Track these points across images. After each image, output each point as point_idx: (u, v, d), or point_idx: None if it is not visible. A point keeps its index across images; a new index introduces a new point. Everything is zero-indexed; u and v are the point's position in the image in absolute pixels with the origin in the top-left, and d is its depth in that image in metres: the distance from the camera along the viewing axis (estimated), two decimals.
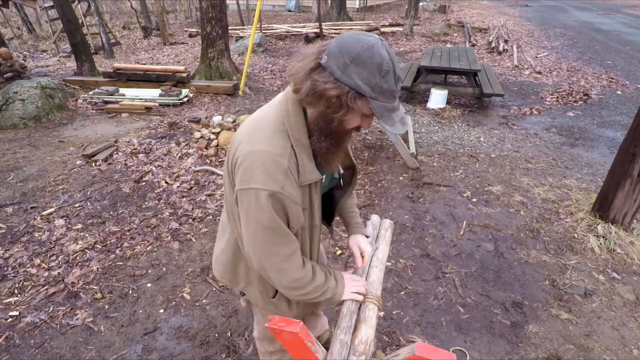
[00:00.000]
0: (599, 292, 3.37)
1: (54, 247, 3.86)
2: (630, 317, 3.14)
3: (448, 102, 8.00)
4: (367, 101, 1.28)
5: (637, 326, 3.06)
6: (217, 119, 5.98)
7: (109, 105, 7.61)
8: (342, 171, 1.80)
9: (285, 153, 1.37)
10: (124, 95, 8.11)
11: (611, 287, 3.43)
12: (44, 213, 4.34)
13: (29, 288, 3.38)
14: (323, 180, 1.61)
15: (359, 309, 1.71)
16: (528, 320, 3.12)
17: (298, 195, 1.42)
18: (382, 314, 1.73)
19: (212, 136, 5.67)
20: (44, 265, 3.62)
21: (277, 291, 1.73)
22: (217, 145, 5.61)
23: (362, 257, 1.87)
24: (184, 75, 8.56)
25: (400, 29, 16.04)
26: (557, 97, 8.58)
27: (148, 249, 3.88)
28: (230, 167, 1.47)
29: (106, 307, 3.22)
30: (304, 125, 1.41)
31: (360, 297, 1.68)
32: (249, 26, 15.61)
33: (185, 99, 8.01)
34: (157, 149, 5.70)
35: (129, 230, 4.13)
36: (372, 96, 1.27)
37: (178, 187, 4.86)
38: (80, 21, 11.70)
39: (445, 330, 3.03)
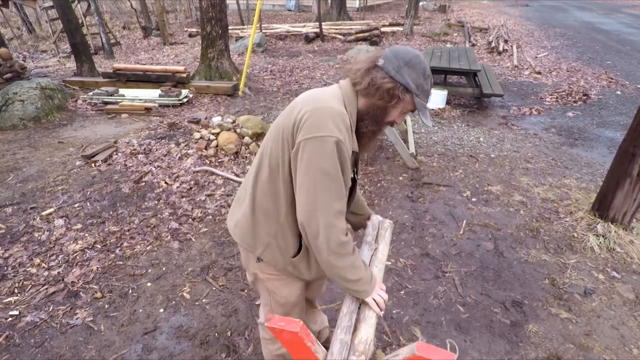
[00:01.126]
0: (599, 291, 3.37)
1: (53, 246, 3.87)
2: (630, 316, 3.14)
3: (448, 103, 7.99)
4: (412, 96, 1.64)
5: (637, 325, 3.06)
6: (216, 119, 5.98)
7: (109, 106, 7.61)
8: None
9: (347, 115, 1.62)
10: (123, 95, 8.11)
11: (611, 286, 3.43)
12: (43, 213, 4.34)
13: (29, 287, 3.38)
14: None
15: (359, 308, 1.72)
16: (528, 319, 3.12)
17: (350, 153, 1.63)
18: (382, 313, 1.72)
19: (212, 137, 5.67)
20: (43, 264, 3.62)
21: (298, 250, 1.82)
22: (217, 146, 5.60)
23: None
24: (184, 75, 8.56)
25: (400, 28, 16.05)
26: (557, 97, 8.58)
27: (148, 248, 3.88)
28: (289, 129, 1.61)
29: (106, 306, 3.22)
30: (356, 109, 1.69)
31: (377, 309, 1.73)
32: (249, 26, 15.62)
33: (185, 100, 8.01)
34: (156, 150, 5.70)
35: (128, 230, 4.13)
36: (416, 93, 1.64)
37: (178, 187, 4.86)
38: (80, 21, 11.71)
39: (445, 330, 3.03)
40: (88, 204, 4.54)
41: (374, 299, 1.72)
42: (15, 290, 3.34)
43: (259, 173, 1.76)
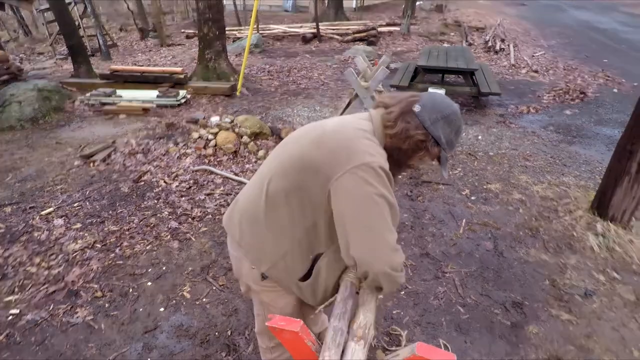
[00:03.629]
0: (599, 293, 3.36)
1: (53, 246, 3.86)
2: (630, 318, 3.13)
3: None
4: (439, 150, 1.62)
5: (638, 327, 3.06)
6: (215, 119, 5.98)
7: (107, 107, 7.59)
8: None
9: (379, 146, 1.59)
10: (121, 96, 8.08)
11: (611, 287, 3.42)
12: (42, 213, 4.33)
13: (29, 286, 3.37)
14: None
15: (357, 293, 1.70)
16: (528, 320, 3.11)
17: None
18: (380, 295, 1.71)
19: (210, 136, 5.67)
20: (43, 264, 3.62)
21: (306, 275, 1.75)
22: (215, 145, 5.60)
23: None
24: (182, 76, 8.56)
25: (397, 28, 16.05)
26: (554, 96, 8.60)
27: (148, 248, 3.88)
28: (321, 157, 1.54)
29: (106, 305, 3.21)
30: (384, 146, 1.63)
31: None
32: (246, 27, 15.60)
33: (183, 100, 8.00)
34: (155, 149, 5.70)
35: (128, 229, 4.13)
36: (445, 148, 1.62)
37: (177, 186, 4.86)
38: (76, 23, 11.69)
39: (445, 331, 3.03)
40: (87, 204, 4.53)
41: None
42: (16, 289, 3.34)
43: (274, 191, 1.64)
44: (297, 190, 1.59)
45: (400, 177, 1.88)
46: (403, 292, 3.37)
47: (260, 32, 14.84)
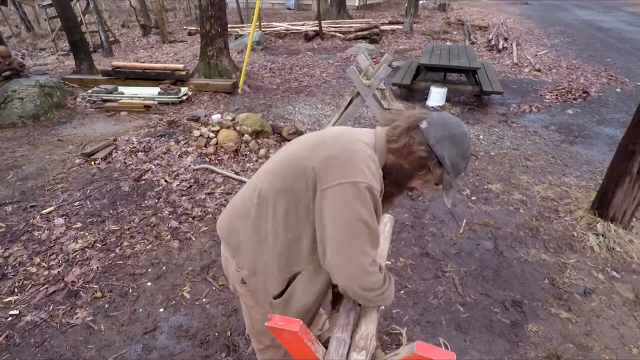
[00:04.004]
0: (599, 291, 3.37)
1: (53, 246, 3.86)
2: (629, 316, 3.14)
3: (447, 100, 7.98)
4: (442, 171, 1.54)
5: (637, 325, 3.07)
6: (216, 117, 5.98)
7: (108, 104, 7.59)
8: None
9: (377, 161, 1.54)
10: (122, 93, 8.09)
11: (610, 286, 3.44)
12: (43, 212, 4.33)
13: (29, 287, 3.37)
14: None
15: (359, 305, 1.71)
16: (527, 319, 3.12)
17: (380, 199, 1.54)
18: (382, 307, 1.72)
19: (212, 134, 5.67)
20: (43, 264, 3.62)
21: (281, 293, 1.71)
22: (217, 144, 5.60)
23: None
24: (183, 73, 8.55)
25: (400, 27, 16.03)
26: (557, 95, 8.58)
27: (148, 247, 3.88)
28: (313, 168, 1.50)
29: (106, 306, 3.22)
30: (384, 164, 1.59)
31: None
32: (249, 24, 15.59)
33: (185, 97, 8.00)
34: (156, 148, 5.70)
35: (128, 229, 4.13)
36: (449, 170, 1.53)
37: (177, 185, 4.86)
38: (78, 19, 11.69)
39: (445, 330, 3.03)
40: (88, 203, 4.54)
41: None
42: (15, 290, 3.34)
43: (266, 195, 1.61)
44: (286, 193, 1.56)
45: (397, 199, 1.73)
46: (403, 292, 3.37)
47: (262, 29, 14.81)
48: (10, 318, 3.08)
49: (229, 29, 10.97)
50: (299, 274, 1.68)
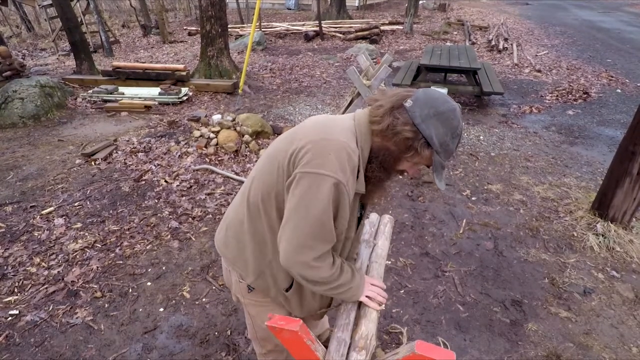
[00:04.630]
0: (598, 291, 3.38)
1: (53, 246, 3.87)
2: (629, 315, 3.14)
3: None
4: (432, 152, 1.44)
5: (636, 324, 3.07)
6: (216, 117, 5.98)
7: (109, 104, 7.60)
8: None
9: (356, 152, 1.45)
10: (123, 93, 8.11)
11: (610, 285, 3.44)
12: (43, 212, 4.34)
13: (29, 287, 3.38)
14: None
15: (359, 305, 1.71)
16: (527, 318, 3.12)
17: (352, 195, 1.48)
18: (382, 307, 1.72)
19: (212, 135, 5.67)
20: (43, 264, 3.63)
21: (291, 285, 1.71)
22: (217, 144, 5.60)
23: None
24: (184, 73, 8.56)
25: (400, 27, 16.03)
26: (557, 96, 8.57)
27: (148, 247, 3.88)
28: (289, 153, 1.45)
29: (106, 305, 3.22)
30: (368, 148, 1.51)
31: (375, 305, 1.66)
32: (249, 24, 15.60)
33: (185, 98, 8.01)
34: (156, 148, 5.70)
35: (128, 229, 4.13)
36: (438, 151, 1.43)
37: (177, 186, 4.86)
38: (79, 19, 11.70)
39: (444, 329, 3.04)
40: (88, 203, 4.54)
41: (367, 297, 1.66)
42: (15, 290, 3.34)
43: (254, 199, 1.60)
44: (273, 193, 1.54)
45: (387, 183, 1.65)
46: (402, 291, 3.37)
47: (262, 29, 14.82)
48: (10, 318, 3.08)
49: (229, 29, 10.98)
50: None
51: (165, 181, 4.94)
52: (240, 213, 1.68)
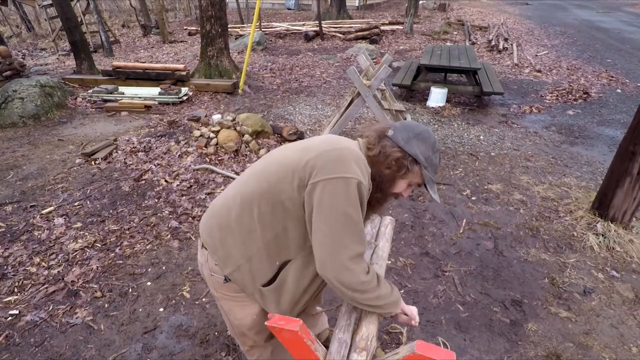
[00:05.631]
0: (598, 291, 3.38)
1: (53, 245, 3.86)
2: (629, 315, 3.14)
3: (448, 101, 7.99)
4: (420, 169, 1.65)
5: (636, 324, 3.07)
6: (216, 117, 5.98)
7: (109, 104, 7.60)
8: None
9: (366, 162, 1.64)
10: (123, 93, 8.11)
11: (610, 285, 3.44)
12: (43, 212, 4.33)
13: (29, 287, 3.37)
14: None
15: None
16: (527, 318, 3.12)
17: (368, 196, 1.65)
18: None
19: (212, 135, 5.67)
20: (43, 263, 3.62)
21: (271, 280, 1.74)
22: (217, 144, 5.60)
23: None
24: (184, 73, 8.56)
25: (400, 27, 16.04)
26: (557, 96, 8.58)
27: (148, 247, 3.88)
28: (303, 165, 1.58)
29: (106, 305, 3.22)
30: (369, 172, 1.66)
31: (408, 320, 1.79)
32: (249, 24, 15.60)
33: (185, 98, 8.01)
34: (156, 148, 5.70)
35: (128, 228, 4.13)
36: (425, 165, 1.65)
37: (178, 185, 4.86)
38: (79, 19, 11.70)
39: (444, 329, 3.03)
40: (88, 203, 4.54)
41: (402, 311, 1.75)
42: (15, 290, 3.34)
43: (250, 195, 1.67)
44: (271, 194, 1.63)
45: (384, 205, 1.86)
46: (402, 291, 3.37)
47: (262, 29, 14.82)
48: (10, 318, 3.07)
49: (229, 29, 10.98)
50: (289, 262, 1.73)
51: (165, 181, 4.94)
52: (229, 204, 1.74)
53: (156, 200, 4.60)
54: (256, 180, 1.68)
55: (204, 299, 3.28)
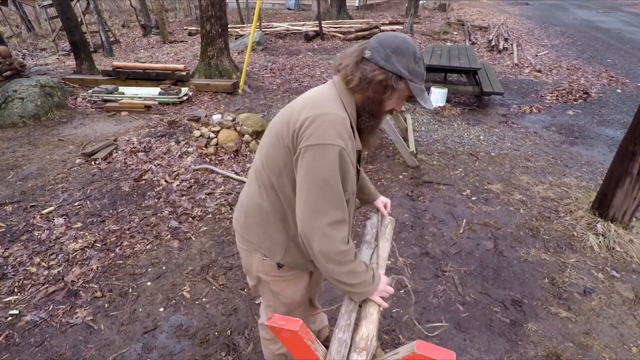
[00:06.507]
0: (598, 290, 3.38)
1: (53, 245, 3.86)
2: (629, 315, 3.14)
3: (448, 101, 7.99)
4: (406, 83, 1.59)
5: (636, 324, 3.07)
6: (216, 117, 5.98)
7: (109, 104, 7.61)
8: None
9: (347, 118, 1.60)
10: (123, 93, 8.11)
11: (610, 285, 3.44)
12: (43, 212, 4.33)
13: (29, 287, 3.38)
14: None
15: (360, 307, 1.72)
16: (527, 318, 3.12)
17: (353, 157, 1.62)
18: (385, 305, 1.73)
19: (212, 135, 5.67)
20: (43, 263, 3.62)
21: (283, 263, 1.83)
22: (217, 144, 5.60)
23: (385, 207, 2.30)
24: (184, 73, 8.56)
25: (400, 27, 16.02)
26: (557, 96, 8.58)
27: (148, 247, 3.88)
28: (290, 133, 1.58)
29: (106, 305, 3.22)
30: (354, 107, 1.66)
31: (385, 304, 1.73)
32: (249, 24, 15.60)
33: (185, 98, 8.01)
34: (156, 148, 5.70)
35: (128, 228, 4.13)
36: (410, 78, 1.59)
37: (178, 185, 4.86)
38: (79, 19, 11.70)
39: (444, 329, 3.03)
40: (88, 203, 4.54)
41: (378, 296, 1.72)
42: (15, 290, 3.34)
43: (267, 181, 1.72)
44: (281, 172, 1.65)
45: (379, 129, 1.92)
46: (402, 291, 3.37)
47: (262, 29, 14.82)
48: (10, 318, 3.08)
49: (229, 29, 10.97)
50: None
51: (165, 181, 4.94)
52: (256, 197, 1.79)
53: (156, 201, 4.60)
54: (266, 165, 1.71)
55: (204, 299, 3.29)
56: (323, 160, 1.49)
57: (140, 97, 7.95)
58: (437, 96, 7.80)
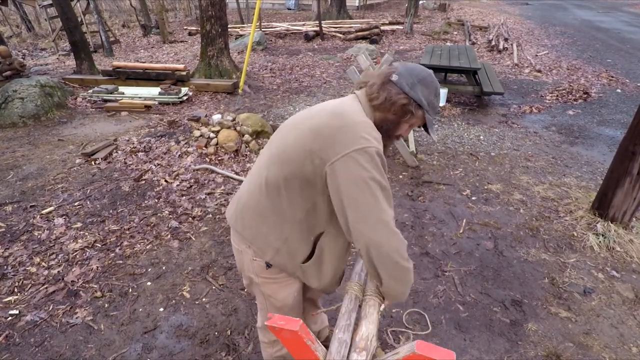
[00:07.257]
0: (598, 290, 3.37)
1: (53, 245, 3.86)
2: (629, 315, 3.14)
3: (448, 101, 7.99)
4: (423, 112, 1.71)
5: (636, 324, 3.07)
6: (216, 117, 5.98)
7: (109, 104, 7.61)
8: None
9: (372, 124, 1.66)
10: (123, 93, 8.12)
11: (610, 285, 3.44)
12: (43, 212, 4.33)
13: (29, 287, 3.38)
14: None
15: (359, 307, 1.72)
16: (527, 318, 3.12)
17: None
18: (382, 307, 1.73)
19: (212, 135, 5.67)
20: (43, 263, 3.62)
21: (309, 256, 1.83)
22: (217, 144, 5.60)
23: None
24: (184, 73, 8.56)
25: (400, 27, 16.04)
26: (557, 96, 8.57)
27: (148, 247, 3.88)
28: (319, 141, 1.59)
29: (106, 305, 3.22)
30: (374, 121, 1.71)
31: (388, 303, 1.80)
32: (249, 24, 15.60)
33: (185, 98, 8.01)
34: (156, 148, 5.70)
35: (128, 228, 4.13)
36: (427, 109, 1.71)
37: (178, 185, 4.86)
38: (79, 19, 11.70)
39: (444, 329, 3.03)
40: (88, 203, 4.54)
41: None
42: (15, 290, 3.34)
43: (274, 180, 1.71)
44: (296, 176, 1.65)
45: (390, 148, 2.03)
46: None
47: (262, 29, 14.82)
48: (10, 318, 3.08)
49: (229, 29, 10.98)
50: (322, 235, 1.80)
51: (165, 181, 4.94)
52: (256, 194, 1.80)
53: (156, 200, 4.60)
54: (278, 164, 1.70)
55: (204, 299, 3.29)
56: (371, 162, 1.53)
57: (140, 97, 7.95)
58: None
